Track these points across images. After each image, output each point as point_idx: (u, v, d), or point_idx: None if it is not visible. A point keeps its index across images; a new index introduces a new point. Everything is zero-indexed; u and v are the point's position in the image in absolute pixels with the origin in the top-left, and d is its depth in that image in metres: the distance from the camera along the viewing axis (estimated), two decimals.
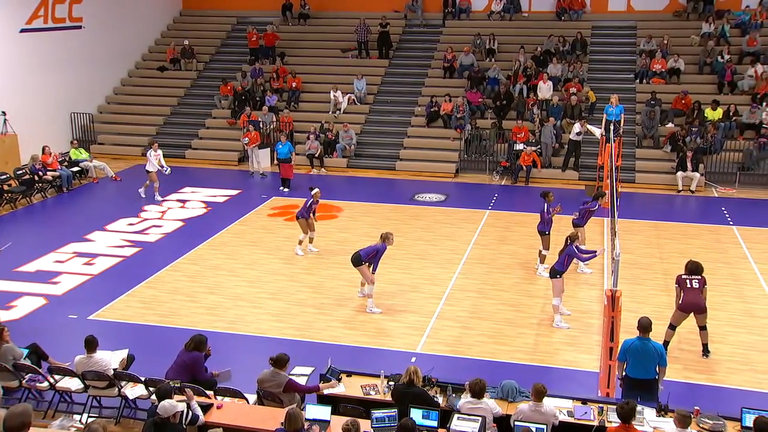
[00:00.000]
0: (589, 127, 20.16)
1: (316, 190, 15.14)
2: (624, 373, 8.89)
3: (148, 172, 18.83)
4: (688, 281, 10.63)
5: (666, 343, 10.80)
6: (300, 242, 15.06)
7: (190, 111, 25.28)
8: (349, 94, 24.20)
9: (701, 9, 24.67)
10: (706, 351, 10.81)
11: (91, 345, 8.97)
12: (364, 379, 8.93)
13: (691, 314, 10.64)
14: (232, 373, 9.57)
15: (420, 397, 8.06)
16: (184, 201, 18.94)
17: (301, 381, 8.81)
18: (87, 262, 14.71)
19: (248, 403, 8.61)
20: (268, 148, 22.27)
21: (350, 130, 22.71)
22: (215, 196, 19.32)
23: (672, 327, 10.79)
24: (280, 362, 8.44)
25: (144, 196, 19.00)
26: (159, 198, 18.81)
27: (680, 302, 10.65)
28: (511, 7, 26.24)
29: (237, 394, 8.63)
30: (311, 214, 14.87)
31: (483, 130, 21.97)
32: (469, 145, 21.90)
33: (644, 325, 8.84)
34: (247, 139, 21.62)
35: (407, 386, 8.15)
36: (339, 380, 8.86)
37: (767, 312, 12.38)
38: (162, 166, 18.81)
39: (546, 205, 13.77)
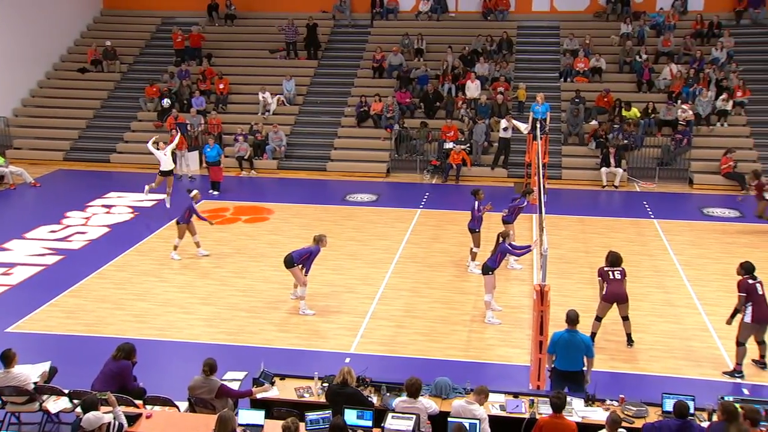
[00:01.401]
0: (514, 122, 20.56)
1: (195, 192, 15.04)
2: (553, 365, 9.10)
3: (164, 173, 17.87)
4: (610, 273, 10.98)
5: (593, 335, 11.10)
6: (175, 247, 14.76)
7: (115, 114, 24.57)
8: (278, 95, 24.00)
9: (620, 10, 25.49)
10: (630, 341, 11.17)
11: (8, 359, 8.59)
12: (298, 382, 8.87)
13: (615, 305, 10.98)
14: (162, 381, 9.35)
15: (354, 397, 8.06)
16: (109, 206, 18.39)
17: (234, 386, 8.67)
18: (4, 272, 14.10)
19: (179, 411, 8.43)
20: (197, 151, 21.86)
21: (280, 131, 22.51)
22: (142, 200, 18.82)
23: (598, 318, 11.11)
24: (211, 368, 8.29)
25: (169, 205, 17.93)
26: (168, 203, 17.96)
27: (604, 293, 10.98)
28: (438, 8, 26.53)
29: (167, 403, 8.43)
30: (191, 218, 14.62)
31: (413, 129, 22.13)
32: (400, 145, 22.02)
33: (572, 318, 9.08)
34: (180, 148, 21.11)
35: (341, 387, 8.15)
36: (272, 384, 8.77)
37: (685, 301, 12.90)
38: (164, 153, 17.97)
39: (477, 203, 13.98)
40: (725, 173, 20.10)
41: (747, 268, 10.32)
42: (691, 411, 7.61)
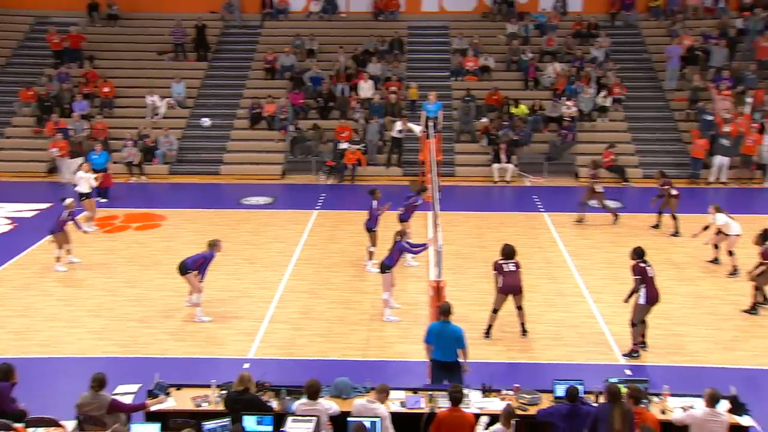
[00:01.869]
0: (409, 125, 20.85)
1: (69, 200, 14.51)
2: (431, 356, 9.29)
3: (84, 196, 16.41)
4: (504, 266, 11.30)
5: (490, 327, 11.42)
6: (58, 259, 14.12)
7: None
8: (167, 99, 23.30)
9: (505, 11, 26.29)
10: (524, 330, 11.52)
11: None
12: (195, 391, 8.65)
13: (510, 297, 11.30)
14: (48, 400, 8.86)
15: (253, 402, 7.93)
16: None
17: (127, 400, 8.34)
18: None
19: (66, 431, 8.00)
20: (82, 157, 20.85)
21: (170, 135, 21.88)
22: (21, 210, 17.81)
23: (494, 311, 11.41)
24: (100, 383, 7.92)
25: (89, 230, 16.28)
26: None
27: (499, 286, 11.29)
28: (329, 8, 26.51)
29: (52, 423, 7.96)
30: (65, 226, 14.09)
31: (308, 131, 22.00)
32: (294, 146, 21.84)
33: (444, 310, 9.32)
34: (56, 149, 20.15)
35: (240, 393, 7.99)
36: (168, 395, 8.50)
37: (574, 290, 13.45)
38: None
39: (375, 202, 14.04)
40: (608, 166, 21.06)
41: (638, 253, 10.85)
42: (581, 395, 7.93)
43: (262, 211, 18.34)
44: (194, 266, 11.89)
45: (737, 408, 8.18)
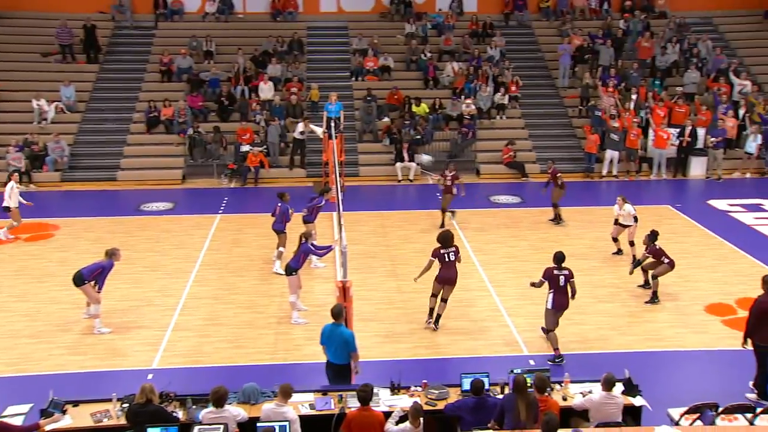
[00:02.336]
0: (312, 126, 20.75)
1: None
2: (327, 358, 9.30)
3: (8, 209, 15.73)
4: (445, 255, 11.41)
5: (432, 310, 11.62)
6: None
7: None
8: (56, 102, 22.23)
9: (403, 11, 26.58)
10: (437, 323, 11.66)
11: None
12: (94, 406, 8.31)
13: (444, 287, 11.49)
14: None
15: (156, 414, 7.69)
16: None
17: (17, 421, 7.90)
18: None
19: None
20: None
21: (61, 141, 20.89)
22: None
23: (434, 295, 11.58)
24: None
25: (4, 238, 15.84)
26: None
27: (437, 275, 11.39)
28: (225, 9, 26.02)
29: None
30: None
31: (207, 133, 21.52)
32: (194, 150, 21.32)
33: (333, 312, 9.28)
34: None
35: (142, 406, 7.73)
36: (64, 412, 8.12)
37: (479, 285, 13.73)
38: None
39: (287, 205, 13.85)
40: (507, 162, 21.70)
41: (557, 258, 10.71)
42: (486, 387, 8.11)
43: (162, 217, 17.82)
44: (91, 276, 11.43)
45: (630, 390, 8.59)
